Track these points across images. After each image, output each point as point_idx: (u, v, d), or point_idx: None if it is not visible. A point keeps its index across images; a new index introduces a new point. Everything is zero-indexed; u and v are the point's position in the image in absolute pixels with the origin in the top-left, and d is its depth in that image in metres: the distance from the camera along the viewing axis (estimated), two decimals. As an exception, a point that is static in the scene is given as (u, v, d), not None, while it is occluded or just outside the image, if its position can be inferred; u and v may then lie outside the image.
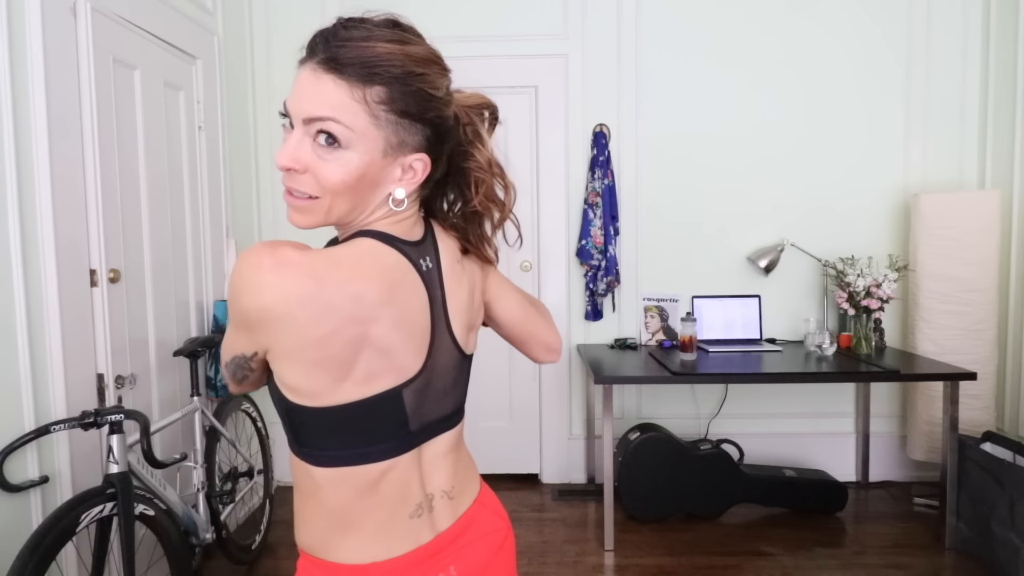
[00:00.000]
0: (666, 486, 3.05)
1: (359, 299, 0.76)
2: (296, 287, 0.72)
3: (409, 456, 0.84)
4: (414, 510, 0.85)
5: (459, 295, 0.89)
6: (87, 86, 2.09)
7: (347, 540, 0.82)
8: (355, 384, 0.78)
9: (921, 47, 3.36)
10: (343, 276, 0.76)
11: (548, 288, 3.48)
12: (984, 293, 3.06)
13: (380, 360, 0.79)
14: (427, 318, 0.84)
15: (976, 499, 2.68)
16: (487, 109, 0.94)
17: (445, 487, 0.89)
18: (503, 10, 3.39)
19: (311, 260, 0.74)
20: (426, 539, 0.86)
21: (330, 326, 0.74)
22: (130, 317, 2.31)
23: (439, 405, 0.88)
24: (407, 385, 0.82)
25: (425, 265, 0.85)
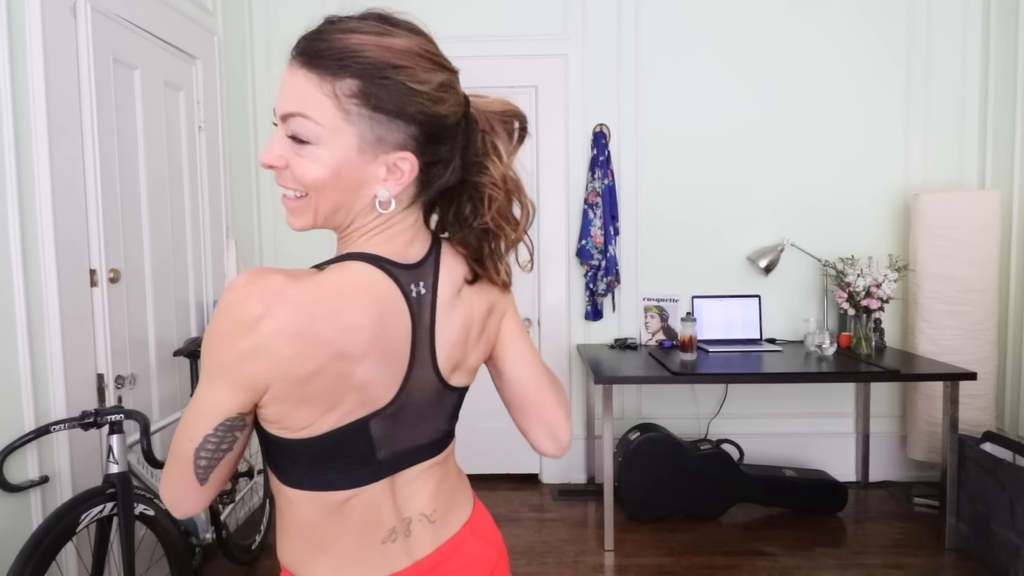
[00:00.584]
0: (666, 486, 3.05)
1: (349, 332, 0.72)
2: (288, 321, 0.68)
3: (378, 484, 0.80)
4: (387, 535, 0.81)
5: (450, 326, 0.82)
6: (87, 86, 2.09)
7: (320, 562, 0.80)
8: (324, 416, 0.74)
9: (921, 47, 3.36)
10: (334, 307, 0.72)
11: (548, 288, 3.48)
12: (984, 293, 3.05)
13: (352, 391, 0.75)
14: (407, 347, 0.78)
15: (976, 499, 2.68)
16: (516, 119, 0.87)
17: (424, 511, 0.84)
18: (503, 10, 3.39)
19: (302, 289, 0.70)
20: (402, 566, 0.82)
21: (318, 363, 0.70)
22: (130, 317, 2.31)
23: (415, 434, 0.83)
24: (374, 416, 0.77)
25: (416, 291, 0.79)
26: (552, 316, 3.49)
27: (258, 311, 0.67)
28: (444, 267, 0.83)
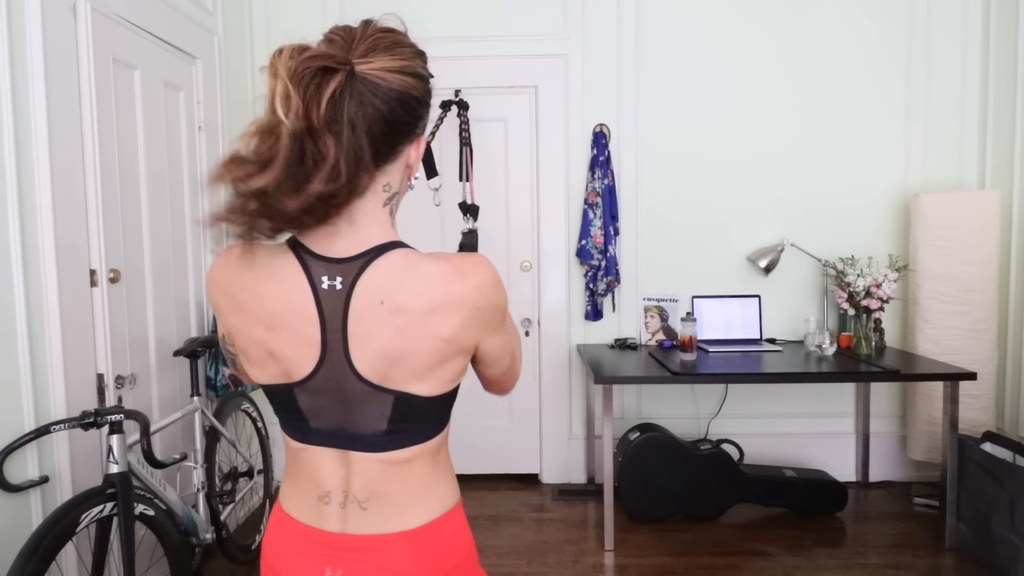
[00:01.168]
0: (666, 486, 3.05)
1: (261, 301, 0.85)
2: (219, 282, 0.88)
3: (321, 449, 0.90)
4: (322, 495, 0.91)
5: (372, 332, 0.82)
6: (87, 86, 2.09)
7: (286, 489, 0.97)
8: (262, 371, 0.90)
9: (921, 47, 3.36)
10: (252, 277, 0.85)
11: (548, 288, 3.48)
12: (984, 293, 3.06)
13: (272, 357, 0.87)
14: (317, 332, 0.84)
15: (976, 499, 2.68)
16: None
17: (359, 495, 0.90)
18: (503, 10, 3.40)
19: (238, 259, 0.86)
20: (330, 527, 0.91)
21: (241, 318, 0.87)
22: (130, 317, 2.31)
23: (348, 421, 0.88)
24: (296, 386, 0.87)
25: (328, 283, 0.83)
26: (552, 316, 3.49)
27: (212, 271, 0.90)
28: (377, 271, 0.83)
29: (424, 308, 0.82)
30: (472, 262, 0.85)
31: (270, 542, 0.97)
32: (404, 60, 0.83)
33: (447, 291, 0.82)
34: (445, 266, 0.83)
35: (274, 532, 0.97)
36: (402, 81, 0.82)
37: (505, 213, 3.50)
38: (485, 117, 3.44)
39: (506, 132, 3.47)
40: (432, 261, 0.84)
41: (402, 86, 0.82)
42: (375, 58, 0.80)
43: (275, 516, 0.98)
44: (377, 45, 0.81)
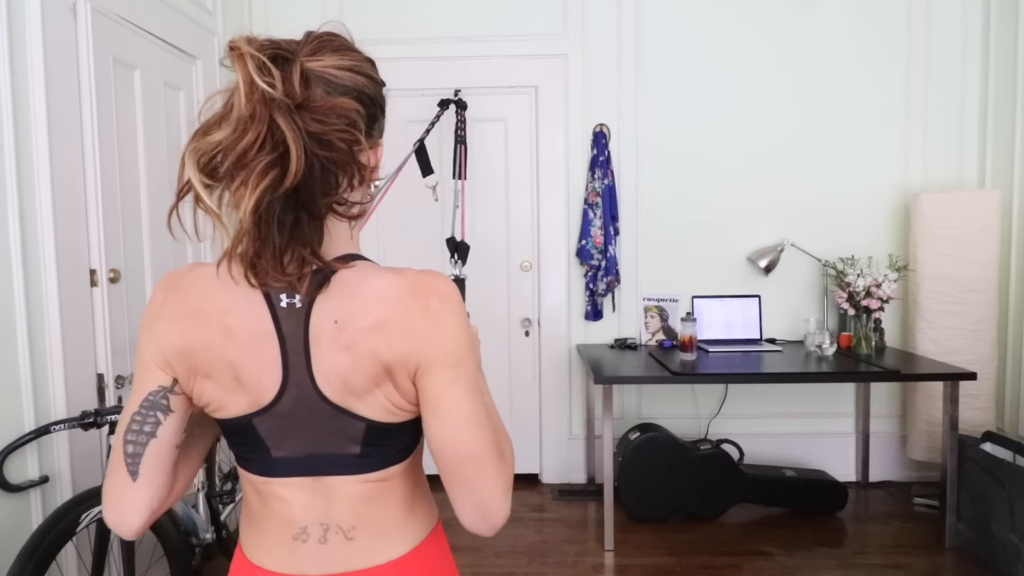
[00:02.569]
0: (666, 486, 3.05)
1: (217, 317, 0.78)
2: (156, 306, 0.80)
3: (293, 480, 0.82)
4: (298, 532, 0.83)
5: (330, 350, 0.77)
6: (87, 86, 2.09)
7: (249, 535, 0.87)
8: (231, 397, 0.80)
9: (921, 47, 3.36)
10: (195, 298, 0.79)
11: (548, 288, 3.48)
12: (984, 293, 3.06)
13: (233, 388, 0.79)
14: (277, 353, 0.78)
15: (976, 499, 2.68)
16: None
17: (343, 524, 0.83)
18: (503, 10, 3.40)
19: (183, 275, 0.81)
20: (310, 571, 0.83)
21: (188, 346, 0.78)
22: (130, 317, 2.31)
23: (320, 444, 0.81)
24: (257, 415, 0.80)
25: (287, 301, 0.77)
26: (552, 316, 3.49)
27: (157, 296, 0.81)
28: (333, 287, 0.77)
29: (367, 326, 0.76)
30: (430, 279, 0.79)
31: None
32: (354, 61, 0.80)
33: (395, 309, 0.77)
34: (398, 281, 0.78)
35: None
36: (353, 79, 0.79)
37: (505, 213, 3.50)
38: (485, 117, 3.44)
39: (506, 132, 3.47)
40: (385, 275, 0.79)
41: (354, 83, 0.78)
42: (324, 57, 0.77)
43: (239, 570, 0.88)
44: (324, 47, 0.79)
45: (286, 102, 0.70)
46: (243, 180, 0.69)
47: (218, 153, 0.70)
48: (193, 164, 0.70)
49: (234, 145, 0.69)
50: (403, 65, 3.35)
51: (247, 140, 0.69)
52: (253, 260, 0.73)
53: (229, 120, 0.70)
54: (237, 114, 0.70)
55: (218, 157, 0.70)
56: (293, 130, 0.70)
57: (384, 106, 0.85)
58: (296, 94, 0.71)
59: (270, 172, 0.69)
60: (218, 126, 0.71)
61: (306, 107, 0.72)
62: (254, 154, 0.69)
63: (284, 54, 0.74)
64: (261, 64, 0.70)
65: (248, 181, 0.69)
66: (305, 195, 0.72)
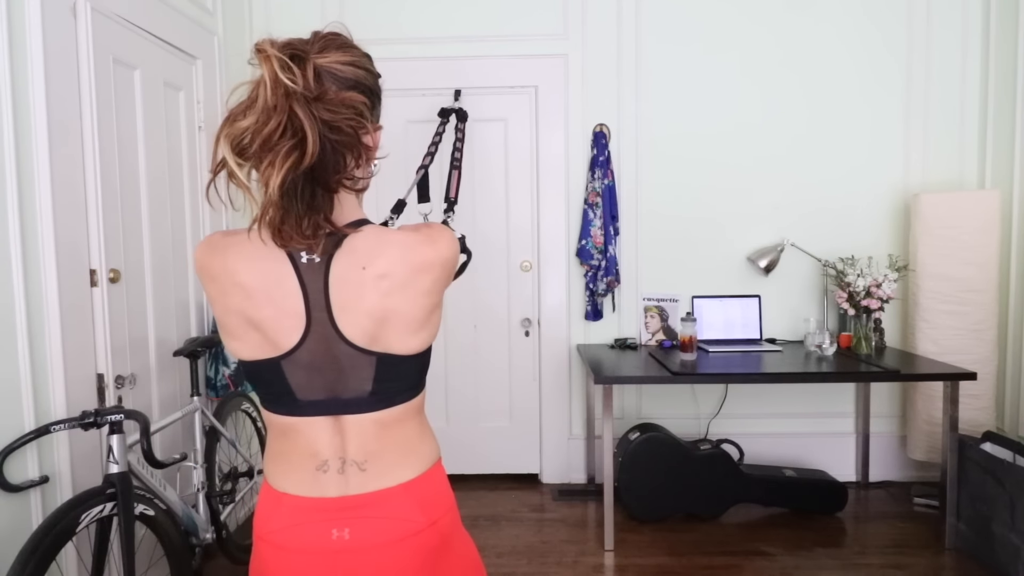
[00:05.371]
0: (666, 486, 3.05)
1: (237, 272, 0.91)
2: (199, 259, 0.94)
3: (314, 420, 0.95)
4: (320, 464, 0.96)
5: (348, 294, 0.91)
6: (87, 86, 2.09)
7: (275, 468, 1.00)
8: (244, 345, 0.94)
9: (921, 47, 3.36)
10: (232, 253, 0.92)
11: (548, 288, 3.48)
12: (984, 293, 3.06)
13: (255, 331, 0.93)
14: (300, 304, 0.91)
15: (976, 499, 2.68)
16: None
17: (356, 458, 0.96)
18: (503, 10, 3.40)
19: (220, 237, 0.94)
20: (331, 494, 0.96)
21: (214, 291, 0.93)
22: (130, 317, 2.31)
23: (338, 387, 0.95)
24: (284, 358, 0.93)
25: (307, 257, 0.91)
26: (552, 316, 3.49)
27: (196, 253, 0.96)
28: (352, 242, 0.92)
29: (407, 271, 0.92)
30: (436, 230, 0.97)
31: (266, 522, 0.99)
32: (354, 56, 0.94)
33: (424, 254, 0.93)
34: (416, 234, 0.95)
35: (270, 512, 0.99)
36: (355, 72, 0.92)
37: (505, 213, 3.50)
38: (485, 117, 3.44)
39: (506, 132, 3.47)
40: (403, 232, 0.95)
41: (356, 76, 0.92)
42: (329, 54, 0.90)
43: (267, 497, 1.00)
44: (329, 45, 0.92)
45: (304, 95, 0.83)
46: (270, 161, 0.82)
47: (246, 136, 0.83)
48: (227, 146, 0.83)
49: (260, 130, 0.82)
50: (403, 65, 3.35)
51: (271, 126, 0.82)
52: (279, 226, 0.86)
53: (255, 109, 0.83)
54: (262, 104, 0.82)
55: (246, 140, 0.83)
56: (309, 118, 0.83)
57: (380, 94, 1.00)
58: (312, 88, 0.84)
59: (292, 154, 0.82)
60: (244, 114, 0.83)
61: (321, 99, 0.85)
62: (278, 139, 0.82)
63: (300, 53, 0.86)
64: (284, 63, 0.83)
65: (275, 162, 0.82)
66: (320, 172, 0.86)
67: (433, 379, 3.52)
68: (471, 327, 3.53)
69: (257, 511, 1.02)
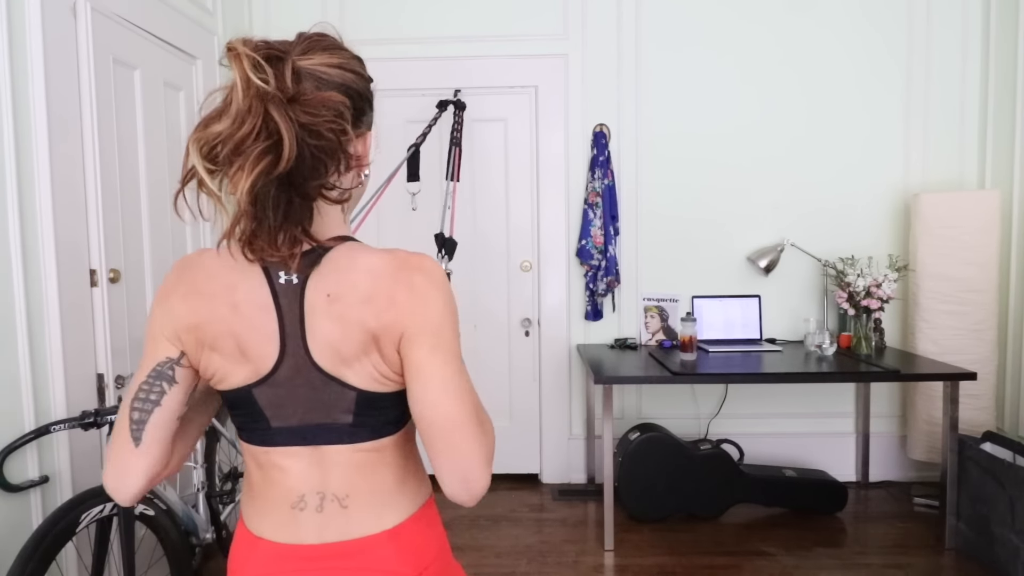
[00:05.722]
0: (666, 486, 3.05)
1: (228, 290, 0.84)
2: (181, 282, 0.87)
3: (290, 450, 0.88)
4: (296, 501, 0.89)
5: (327, 324, 0.84)
6: (87, 86, 2.09)
7: (250, 507, 0.93)
8: (234, 368, 0.86)
9: (921, 47, 3.36)
10: (216, 272, 0.85)
11: (548, 288, 3.48)
12: (984, 293, 3.06)
13: (236, 359, 0.86)
14: (275, 327, 0.85)
15: (976, 499, 2.68)
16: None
17: (337, 492, 0.88)
18: (503, 10, 3.40)
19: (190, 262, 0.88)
20: (308, 540, 0.88)
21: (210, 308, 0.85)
22: (130, 317, 2.31)
23: (315, 414, 0.87)
24: (256, 386, 0.86)
25: (285, 278, 0.85)
26: (552, 316, 3.49)
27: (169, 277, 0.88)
28: (326, 264, 0.85)
29: (357, 298, 0.83)
30: (416, 259, 0.86)
31: (240, 567, 0.91)
32: (342, 59, 0.87)
33: (382, 283, 0.84)
34: (387, 258, 0.85)
35: (244, 557, 0.91)
36: (342, 75, 0.85)
37: (505, 213, 3.50)
38: (485, 117, 3.44)
39: (506, 132, 3.47)
40: (375, 253, 0.86)
41: (343, 79, 0.85)
42: (314, 56, 0.84)
43: (241, 540, 0.93)
44: (314, 46, 0.85)
45: (279, 96, 0.77)
46: (240, 165, 0.76)
47: (218, 143, 0.77)
48: (196, 152, 0.77)
49: (232, 135, 0.76)
50: (403, 65, 3.35)
51: (244, 130, 0.76)
52: (250, 238, 0.80)
53: (228, 113, 0.77)
54: (235, 108, 0.76)
55: (218, 146, 0.77)
56: (285, 121, 0.76)
57: (371, 100, 0.92)
58: (288, 89, 0.78)
59: (264, 158, 0.76)
60: (218, 119, 0.77)
61: (297, 100, 0.78)
62: (251, 143, 0.76)
63: (277, 53, 0.80)
64: (255, 63, 0.76)
65: (244, 166, 0.75)
66: (297, 179, 0.79)
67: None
68: (471, 327, 3.53)
69: (232, 552, 0.95)
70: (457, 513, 3.18)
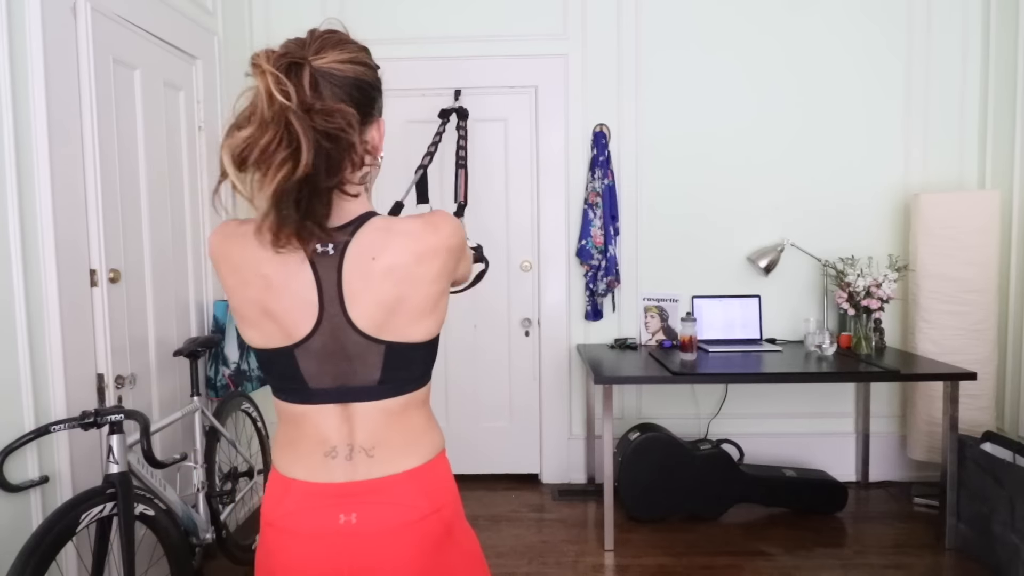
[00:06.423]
0: (666, 486, 3.05)
1: (257, 262, 0.94)
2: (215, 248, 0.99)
3: (324, 407, 0.99)
4: (329, 451, 1.00)
5: (360, 284, 0.95)
6: (87, 86, 2.09)
7: (285, 455, 1.03)
8: (259, 334, 0.98)
9: (921, 47, 3.36)
10: (249, 243, 0.94)
11: (548, 288, 3.48)
12: (984, 293, 3.06)
13: (269, 320, 0.96)
14: (314, 294, 0.95)
15: (976, 499, 2.68)
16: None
17: (364, 444, 1.00)
18: (503, 10, 3.40)
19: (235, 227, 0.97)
20: (338, 479, 0.99)
21: (234, 281, 0.97)
22: (130, 317, 2.31)
23: (348, 375, 0.98)
24: (297, 347, 0.97)
25: (322, 249, 0.94)
26: (552, 316, 3.49)
27: (210, 240, 1.01)
28: (364, 235, 0.96)
29: (411, 260, 0.96)
30: (440, 216, 1.00)
31: (275, 507, 1.02)
32: (352, 53, 0.96)
33: (427, 243, 0.97)
34: (420, 223, 0.98)
35: (278, 497, 1.02)
36: (354, 69, 0.95)
37: (505, 213, 3.50)
38: (485, 117, 3.44)
39: (506, 132, 3.47)
40: (408, 221, 0.98)
41: (354, 73, 0.96)
42: (326, 54, 0.94)
43: (275, 484, 1.04)
44: (325, 44, 0.95)
45: (299, 109, 0.87)
46: (264, 172, 0.87)
47: (246, 147, 0.87)
48: (228, 157, 0.88)
49: (257, 141, 0.86)
50: (403, 65, 3.35)
51: (267, 138, 0.86)
52: (276, 232, 0.90)
53: (255, 119, 0.87)
54: (259, 117, 0.87)
55: (246, 151, 0.87)
56: (305, 130, 0.86)
57: (380, 87, 1.02)
58: (307, 99, 0.88)
59: (285, 165, 0.86)
60: (247, 123, 0.88)
61: (315, 110, 0.88)
62: (273, 150, 0.86)
63: (296, 60, 0.90)
64: (278, 79, 0.87)
65: (268, 172, 0.87)
66: (315, 179, 0.89)
67: (434, 378, 3.50)
68: (471, 327, 3.53)
69: (265, 497, 1.05)
70: (457, 513, 3.18)
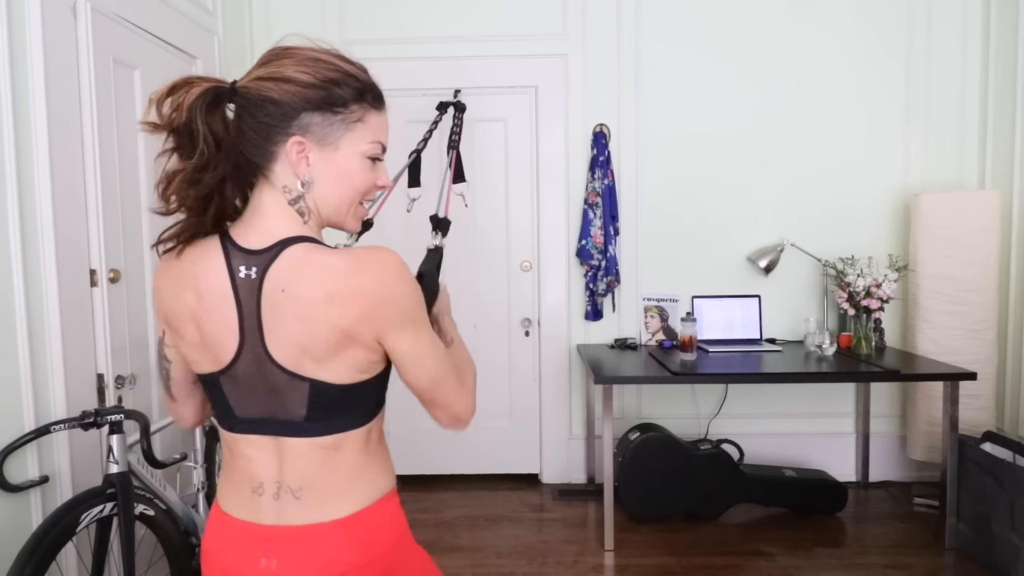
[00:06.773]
0: (666, 486, 3.05)
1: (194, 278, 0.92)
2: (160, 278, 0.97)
3: (253, 438, 0.94)
4: (256, 487, 0.95)
5: (284, 320, 0.88)
6: (87, 86, 2.09)
7: (222, 486, 1.01)
8: (200, 356, 0.94)
9: (921, 47, 3.36)
10: (186, 265, 0.93)
11: (548, 288, 3.48)
12: (984, 293, 3.05)
13: (199, 346, 0.93)
14: (235, 319, 0.90)
15: (976, 499, 2.68)
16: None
17: (292, 484, 0.94)
18: (503, 10, 3.40)
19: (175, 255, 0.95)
20: (265, 521, 0.94)
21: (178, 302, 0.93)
22: (130, 317, 2.31)
23: (274, 407, 0.92)
24: (222, 374, 0.93)
25: (244, 272, 0.90)
26: (552, 316, 3.49)
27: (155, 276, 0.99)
28: (281, 262, 0.89)
29: (319, 297, 0.86)
30: (374, 255, 0.89)
31: (208, 539, 1.01)
32: (272, 68, 0.90)
33: (343, 283, 0.87)
34: (345, 258, 0.88)
35: (212, 530, 1.01)
36: (258, 86, 0.89)
37: (505, 213, 3.50)
38: (485, 117, 3.44)
39: (506, 132, 3.47)
40: (333, 254, 0.89)
41: (258, 90, 0.89)
42: (253, 71, 0.91)
43: (213, 515, 1.02)
44: (261, 62, 0.92)
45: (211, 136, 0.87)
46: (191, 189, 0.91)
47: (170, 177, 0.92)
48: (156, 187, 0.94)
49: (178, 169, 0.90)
50: (403, 65, 3.35)
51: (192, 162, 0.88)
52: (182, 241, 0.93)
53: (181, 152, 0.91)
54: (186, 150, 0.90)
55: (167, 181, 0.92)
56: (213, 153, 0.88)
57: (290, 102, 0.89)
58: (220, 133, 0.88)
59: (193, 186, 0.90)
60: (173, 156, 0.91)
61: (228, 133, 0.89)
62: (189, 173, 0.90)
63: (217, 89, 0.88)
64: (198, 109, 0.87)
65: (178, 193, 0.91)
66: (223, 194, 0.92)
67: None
68: (471, 327, 3.53)
69: (207, 523, 1.03)
70: (457, 513, 3.18)
